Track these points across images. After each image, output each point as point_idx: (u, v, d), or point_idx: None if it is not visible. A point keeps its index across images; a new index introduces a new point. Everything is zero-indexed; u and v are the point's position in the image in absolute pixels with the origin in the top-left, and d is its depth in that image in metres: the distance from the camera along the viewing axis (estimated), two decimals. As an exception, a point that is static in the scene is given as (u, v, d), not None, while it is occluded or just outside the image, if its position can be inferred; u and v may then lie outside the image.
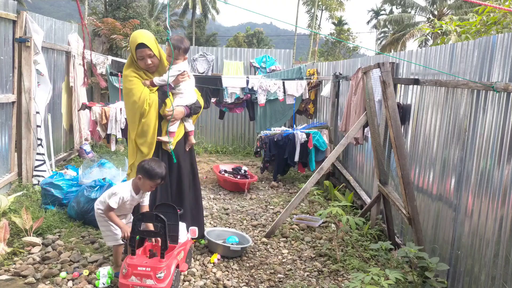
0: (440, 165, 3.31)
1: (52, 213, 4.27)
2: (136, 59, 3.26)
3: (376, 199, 4.22)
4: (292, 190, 6.04)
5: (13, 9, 4.93)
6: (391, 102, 3.30)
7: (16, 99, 5.07)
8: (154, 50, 3.22)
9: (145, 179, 2.97)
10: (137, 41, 3.18)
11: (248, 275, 3.42)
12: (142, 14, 10.30)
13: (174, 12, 42.12)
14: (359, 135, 4.96)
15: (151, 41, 3.21)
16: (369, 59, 5.21)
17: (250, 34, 49.06)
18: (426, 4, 28.27)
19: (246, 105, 7.60)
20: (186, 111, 3.42)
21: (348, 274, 3.45)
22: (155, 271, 2.80)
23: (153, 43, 3.22)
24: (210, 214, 4.84)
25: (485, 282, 2.62)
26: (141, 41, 3.17)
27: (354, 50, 39.91)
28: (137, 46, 3.18)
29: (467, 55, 3.01)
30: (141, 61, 3.24)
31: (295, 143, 6.15)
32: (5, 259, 3.36)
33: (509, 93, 2.48)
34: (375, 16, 45.01)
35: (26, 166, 5.23)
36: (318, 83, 7.50)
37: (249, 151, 8.65)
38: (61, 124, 6.58)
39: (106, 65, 7.20)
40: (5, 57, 4.80)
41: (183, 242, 3.27)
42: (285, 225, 4.51)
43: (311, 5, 38.99)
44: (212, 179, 6.45)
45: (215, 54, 8.96)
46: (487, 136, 2.71)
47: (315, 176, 4.36)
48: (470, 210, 2.86)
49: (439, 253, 3.24)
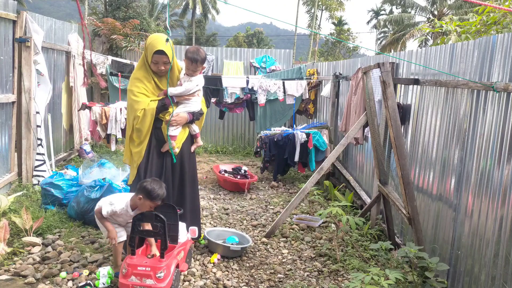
0: (440, 165, 3.31)
1: (52, 213, 4.27)
2: (149, 62, 3.29)
3: (376, 199, 4.22)
4: (292, 190, 6.04)
5: (13, 9, 4.93)
6: (391, 102, 3.30)
7: (16, 99, 5.07)
8: (170, 57, 3.27)
9: (145, 200, 2.96)
10: (157, 47, 3.20)
11: (248, 275, 3.42)
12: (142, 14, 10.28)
13: (174, 12, 42.12)
14: (359, 135, 4.96)
15: (169, 49, 3.25)
16: (369, 59, 5.21)
17: (250, 34, 49.07)
18: (426, 4, 28.27)
19: (246, 105, 7.60)
20: (189, 117, 3.45)
21: (348, 274, 3.45)
22: (155, 271, 2.80)
23: (170, 50, 3.26)
24: (210, 214, 4.84)
25: (485, 282, 2.62)
26: (161, 48, 3.20)
27: (354, 50, 39.91)
28: (156, 51, 3.21)
29: (467, 55, 3.01)
30: (155, 65, 3.28)
31: (295, 143, 6.15)
32: (5, 259, 3.36)
33: (509, 93, 2.48)
34: (375, 16, 45.00)
35: (26, 166, 5.23)
36: (318, 83, 7.51)
37: (249, 151, 8.65)
38: (61, 124, 6.58)
39: (106, 65, 7.20)
40: (5, 57, 4.80)
41: (183, 242, 3.27)
42: (285, 225, 4.51)
43: (311, 5, 38.97)
44: (212, 179, 6.45)
45: (215, 54, 8.96)
46: (487, 136, 2.71)
47: (315, 176, 4.36)
48: (470, 210, 2.86)
49: (439, 253, 3.24)
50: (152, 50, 3.22)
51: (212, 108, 7.98)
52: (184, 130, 3.49)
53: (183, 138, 3.48)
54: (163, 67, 3.29)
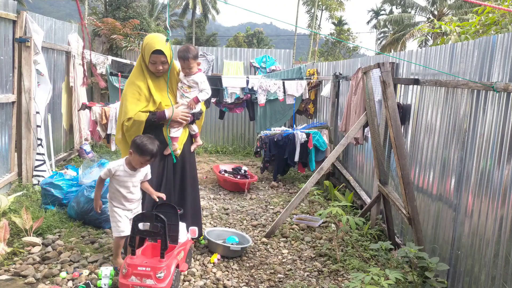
0: (440, 165, 3.31)
1: (52, 213, 4.27)
2: (147, 62, 3.27)
3: (376, 199, 4.22)
4: (292, 190, 6.04)
5: (13, 9, 4.93)
6: (391, 102, 3.30)
7: (16, 99, 5.07)
8: (168, 57, 3.24)
9: (135, 154, 2.96)
10: (154, 47, 3.17)
11: (248, 275, 3.42)
12: (142, 14, 10.28)
13: (174, 12, 42.14)
14: (359, 135, 4.96)
15: (168, 49, 3.23)
16: (369, 59, 5.21)
17: (250, 34, 49.08)
18: (426, 4, 28.28)
19: (246, 105, 7.60)
20: (190, 118, 3.44)
21: (348, 274, 3.45)
22: (155, 271, 2.80)
23: (168, 50, 3.24)
24: (210, 214, 4.84)
25: (485, 282, 2.62)
26: (159, 47, 3.17)
27: (354, 50, 39.92)
28: (153, 51, 3.18)
29: (467, 55, 3.01)
30: (153, 65, 3.25)
31: (295, 143, 6.15)
32: (5, 259, 3.36)
33: (509, 93, 2.49)
34: (375, 16, 45.02)
35: (26, 166, 5.23)
36: (318, 83, 7.51)
37: (249, 151, 8.65)
38: (61, 124, 6.58)
39: (106, 65, 7.20)
40: (5, 57, 4.80)
41: (183, 242, 3.27)
42: (285, 225, 4.51)
43: (311, 5, 38.97)
44: (212, 179, 6.45)
45: (215, 54, 8.96)
46: (487, 136, 2.71)
47: (315, 176, 4.36)
48: (470, 210, 2.86)
49: (439, 253, 3.24)
50: (150, 50, 3.19)
51: (212, 108, 7.98)
52: (185, 131, 3.49)
53: (184, 139, 3.48)
54: (161, 67, 3.26)
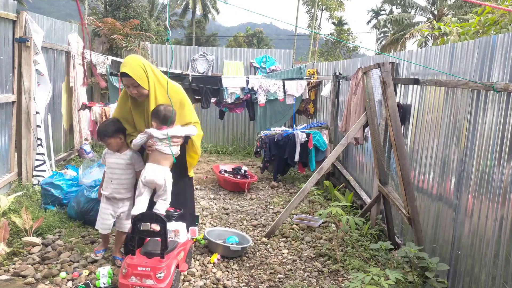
0: (440, 165, 3.31)
1: (52, 213, 4.27)
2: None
3: (376, 199, 4.22)
4: (292, 190, 6.04)
5: (13, 9, 4.93)
6: (391, 102, 3.30)
7: (16, 99, 5.06)
8: (139, 80, 2.99)
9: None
10: (121, 68, 3.01)
11: (248, 275, 3.42)
12: (142, 14, 10.30)
13: (174, 12, 42.13)
14: (359, 135, 4.96)
15: (136, 71, 2.98)
16: (369, 59, 5.21)
17: (250, 34, 49.05)
18: (426, 4, 28.26)
19: (246, 105, 7.60)
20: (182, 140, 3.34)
21: (348, 274, 3.45)
22: (155, 271, 2.80)
23: (138, 73, 2.99)
24: (210, 214, 4.84)
25: (485, 282, 2.62)
26: (123, 70, 2.98)
27: (354, 50, 39.89)
28: (121, 73, 3.02)
29: (467, 55, 3.01)
30: (128, 88, 3.08)
31: (295, 143, 6.15)
32: (5, 259, 3.36)
33: (509, 93, 2.48)
34: (375, 16, 45.01)
35: (26, 166, 5.23)
36: (318, 83, 7.51)
37: (249, 151, 8.65)
38: (61, 124, 6.58)
39: (106, 65, 7.19)
40: (5, 57, 4.80)
41: (183, 242, 3.27)
42: (285, 225, 4.51)
43: (311, 5, 38.96)
44: (212, 179, 6.45)
45: (215, 54, 8.96)
46: (487, 136, 2.71)
47: (315, 176, 4.36)
48: (470, 210, 2.86)
49: (439, 253, 3.24)
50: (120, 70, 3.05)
51: (212, 108, 7.97)
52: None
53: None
54: (135, 91, 3.05)
